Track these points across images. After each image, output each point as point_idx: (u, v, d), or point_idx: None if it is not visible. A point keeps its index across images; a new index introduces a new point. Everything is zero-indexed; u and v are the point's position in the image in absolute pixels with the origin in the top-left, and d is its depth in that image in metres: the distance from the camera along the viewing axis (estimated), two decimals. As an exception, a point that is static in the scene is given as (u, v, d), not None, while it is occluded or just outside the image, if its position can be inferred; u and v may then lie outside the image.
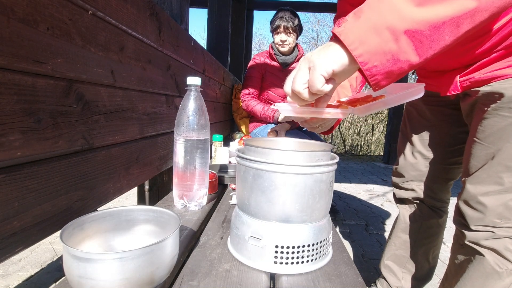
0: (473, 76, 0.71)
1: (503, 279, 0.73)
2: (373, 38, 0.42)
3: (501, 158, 0.70)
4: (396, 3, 0.41)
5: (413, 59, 0.42)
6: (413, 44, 0.41)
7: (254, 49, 9.70)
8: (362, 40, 0.42)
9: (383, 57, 0.42)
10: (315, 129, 0.72)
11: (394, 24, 0.41)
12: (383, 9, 0.42)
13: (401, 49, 0.42)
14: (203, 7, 3.42)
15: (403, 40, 0.41)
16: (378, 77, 0.44)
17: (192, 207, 0.77)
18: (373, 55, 0.42)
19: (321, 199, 0.52)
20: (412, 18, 0.40)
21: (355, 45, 0.43)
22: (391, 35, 0.41)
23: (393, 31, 0.41)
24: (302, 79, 0.48)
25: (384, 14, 0.41)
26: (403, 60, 0.42)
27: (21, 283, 1.25)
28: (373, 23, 0.42)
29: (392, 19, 0.41)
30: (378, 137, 6.55)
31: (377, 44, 0.42)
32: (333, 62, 0.45)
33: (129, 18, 0.73)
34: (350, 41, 0.43)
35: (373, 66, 0.43)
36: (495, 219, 0.72)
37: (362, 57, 0.43)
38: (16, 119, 0.43)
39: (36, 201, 0.47)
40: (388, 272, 1.10)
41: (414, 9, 0.40)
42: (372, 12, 0.43)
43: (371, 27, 0.42)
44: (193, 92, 0.72)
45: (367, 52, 0.42)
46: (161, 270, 0.43)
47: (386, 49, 0.42)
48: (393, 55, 0.42)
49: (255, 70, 2.06)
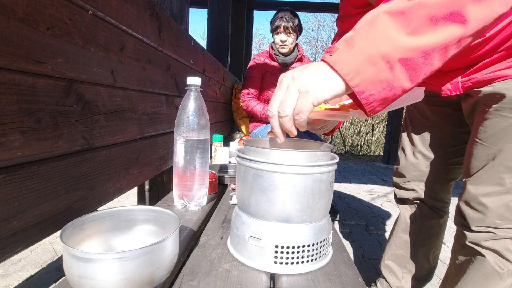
0: (475, 76, 0.71)
1: (504, 280, 0.73)
2: (369, 68, 0.42)
3: (503, 159, 0.70)
4: (388, 32, 0.42)
5: (406, 85, 0.43)
6: (407, 71, 0.42)
7: (254, 49, 9.71)
8: (358, 70, 0.42)
9: (379, 86, 0.43)
10: (317, 130, 0.72)
11: (389, 53, 0.41)
12: (376, 38, 0.42)
13: (396, 77, 0.42)
14: (203, 7, 3.41)
15: (397, 68, 0.42)
16: (374, 104, 0.44)
17: (192, 207, 0.77)
18: (370, 84, 0.43)
19: (321, 199, 0.52)
20: (405, 46, 0.41)
21: (352, 75, 0.43)
22: (386, 64, 0.42)
23: (388, 60, 0.42)
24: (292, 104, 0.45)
25: (378, 44, 0.42)
26: (398, 87, 0.43)
27: (21, 283, 1.25)
28: (368, 52, 0.42)
29: (386, 49, 0.42)
30: (378, 137, 6.54)
31: (373, 74, 0.42)
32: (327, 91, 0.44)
33: (129, 18, 0.73)
34: (346, 72, 0.43)
35: (370, 95, 0.43)
36: (496, 220, 0.72)
37: (359, 86, 0.43)
38: (16, 119, 0.43)
39: (36, 201, 0.47)
40: (388, 272, 1.10)
41: (406, 38, 0.41)
42: (366, 42, 0.43)
43: (366, 56, 0.42)
44: (193, 92, 0.72)
45: (363, 81, 0.43)
46: (161, 270, 0.43)
47: (382, 78, 0.43)
48: (388, 83, 0.43)
49: (255, 70, 2.06)
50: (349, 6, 0.86)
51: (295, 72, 0.46)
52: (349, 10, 0.88)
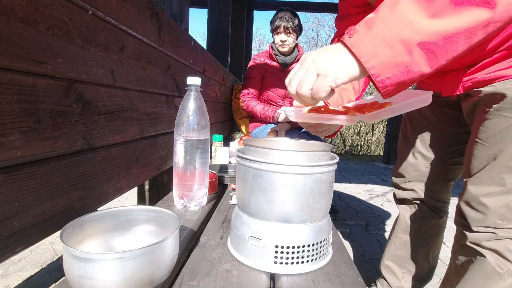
0: (475, 76, 0.71)
1: (504, 280, 0.73)
2: (385, 51, 0.42)
3: (503, 159, 0.70)
4: (409, 15, 0.41)
5: (425, 70, 0.42)
6: (426, 55, 0.41)
7: (254, 49, 9.71)
8: (374, 53, 0.42)
9: (396, 69, 0.42)
10: (320, 133, 0.72)
11: (407, 36, 0.41)
12: (396, 21, 0.41)
13: (414, 61, 0.42)
14: (203, 7, 3.41)
15: (416, 52, 0.41)
16: (389, 88, 0.44)
17: (192, 207, 0.77)
18: (386, 67, 0.42)
19: (321, 199, 0.52)
20: (426, 30, 0.40)
21: (367, 58, 0.43)
22: (404, 48, 0.41)
23: (406, 43, 0.41)
24: (309, 84, 0.47)
25: (397, 26, 0.41)
26: (415, 71, 0.43)
27: (21, 283, 1.25)
28: (386, 35, 0.42)
29: (405, 32, 0.41)
30: (378, 137, 6.54)
31: (390, 57, 0.42)
32: (344, 74, 0.45)
33: (129, 18, 0.73)
34: (362, 54, 0.43)
35: (386, 78, 0.43)
36: (497, 220, 0.72)
37: (375, 69, 0.43)
38: (16, 119, 0.43)
39: (36, 201, 0.47)
40: (388, 272, 1.10)
41: (427, 21, 0.40)
42: (384, 24, 0.42)
43: (384, 39, 0.42)
44: (193, 92, 0.72)
45: (379, 64, 0.42)
46: (161, 270, 0.43)
47: (398, 61, 0.42)
48: (406, 67, 0.42)
49: (255, 71, 2.06)
50: (349, 6, 0.86)
51: (316, 55, 0.47)
52: (348, 10, 0.88)
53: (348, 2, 0.87)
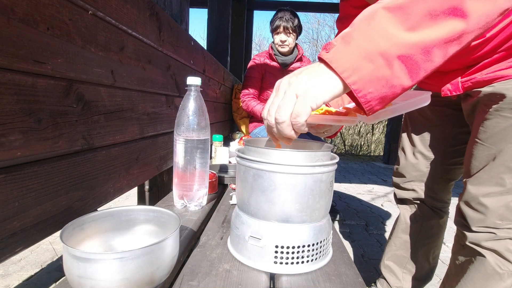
0: (475, 76, 0.71)
1: (504, 280, 0.73)
2: (366, 65, 0.41)
3: (503, 159, 0.70)
4: (386, 28, 0.41)
5: (406, 83, 0.42)
6: (406, 68, 0.41)
7: (254, 49, 9.71)
8: (355, 67, 0.41)
9: (377, 83, 0.42)
10: (321, 134, 0.72)
11: (387, 49, 0.40)
12: (374, 34, 0.41)
13: (395, 74, 0.41)
14: (203, 7, 3.41)
15: (396, 65, 0.41)
16: (372, 103, 0.43)
17: (192, 207, 0.77)
18: (367, 82, 0.41)
19: (321, 199, 0.52)
20: (404, 42, 0.40)
21: (348, 73, 0.41)
22: (384, 61, 0.40)
23: (386, 56, 0.40)
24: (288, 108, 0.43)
25: (376, 40, 0.41)
26: (397, 85, 0.42)
27: (21, 283, 1.25)
28: (365, 48, 0.41)
29: (384, 45, 0.40)
30: (378, 137, 6.54)
31: (371, 71, 0.41)
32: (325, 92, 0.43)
33: (129, 18, 0.73)
34: (343, 69, 0.42)
35: (367, 93, 0.42)
36: (496, 220, 0.72)
37: (356, 84, 0.42)
38: (16, 119, 0.43)
39: (36, 201, 0.47)
40: (388, 273, 1.10)
41: (405, 34, 0.40)
42: (363, 38, 0.41)
43: (364, 53, 0.41)
44: (193, 92, 0.72)
45: (361, 79, 0.41)
46: (161, 270, 0.43)
47: (379, 75, 0.41)
48: (387, 80, 0.41)
49: (255, 71, 2.06)
50: (349, 6, 0.86)
51: (291, 77, 0.45)
52: (349, 10, 0.88)
53: (349, 3, 0.87)
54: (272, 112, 0.45)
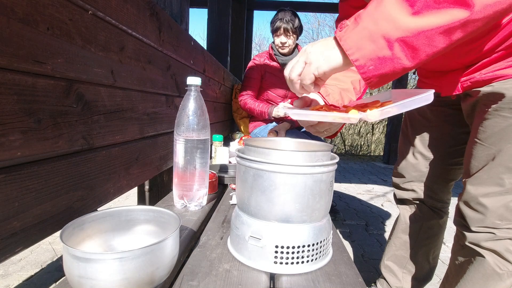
0: (474, 76, 0.71)
1: (503, 280, 0.73)
2: (369, 45, 0.46)
3: (502, 159, 0.70)
4: (391, 12, 0.44)
5: (406, 64, 0.46)
6: (406, 50, 0.45)
7: (254, 49, 9.70)
8: (359, 46, 0.47)
9: (378, 62, 0.47)
10: (321, 133, 0.72)
11: (389, 32, 0.45)
12: (379, 17, 0.45)
13: (395, 55, 0.46)
14: (203, 7, 3.41)
15: (396, 47, 0.45)
16: (373, 80, 0.48)
17: (192, 207, 0.77)
18: (369, 60, 0.47)
19: (321, 199, 0.52)
20: (406, 27, 0.44)
21: (352, 50, 0.47)
22: (386, 43, 0.45)
23: (388, 39, 0.45)
24: (297, 70, 0.53)
25: (380, 22, 0.45)
26: (397, 65, 0.46)
27: (21, 283, 1.25)
28: (370, 30, 0.46)
29: (387, 28, 0.45)
30: (378, 137, 6.54)
31: (372, 51, 0.46)
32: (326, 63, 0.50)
33: (129, 18, 0.73)
34: (348, 46, 0.47)
35: (367, 70, 0.47)
36: (496, 221, 0.72)
37: (359, 61, 0.47)
38: (16, 119, 0.43)
39: (36, 201, 0.47)
40: (388, 273, 1.10)
41: (408, 19, 0.44)
42: (369, 20, 0.46)
43: (368, 34, 0.46)
44: (193, 92, 0.72)
45: (363, 57, 0.47)
46: (161, 270, 0.43)
47: (380, 55, 0.46)
48: (387, 60, 0.46)
49: (254, 71, 2.07)
50: (349, 7, 0.86)
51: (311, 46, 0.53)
52: (348, 11, 0.88)
53: (348, 3, 0.87)
54: (288, 67, 0.56)
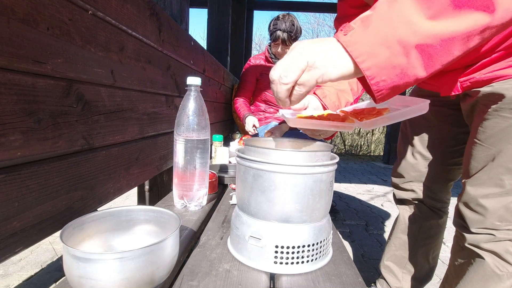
0: (474, 76, 0.71)
1: (503, 281, 0.73)
2: (383, 51, 0.40)
3: (502, 160, 0.69)
4: (407, 14, 0.39)
5: (420, 74, 0.41)
6: (423, 58, 0.40)
7: (254, 49, 9.71)
8: (371, 53, 0.40)
9: (392, 72, 0.40)
10: (317, 136, 0.71)
11: (406, 37, 0.39)
12: (394, 20, 0.39)
13: (411, 64, 0.40)
14: (203, 7, 3.41)
15: (413, 54, 0.39)
16: (384, 92, 0.42)
17: (192, 207, 0.77)
18: (382, 69, 0.40)
19: (321, 199, 0.52)
20: (424, 32, 0.38)
21: (363, 58, 0.40)
22: (402, 49, 0.39)
23: (404, 45, 0.39)
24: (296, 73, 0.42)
25: (396, 25, 0.39)
26: (411, 75, 0.41)
27: (21, 283, 1.25)
28: (384, 34, 0.39)
29: (403, 32, 0.39)
30: (378, 137, 6.54)
31: (387, 58, 0.40)
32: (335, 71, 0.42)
33: (129, 18, 0.73)
34: (358, 53, 0.40)
35: (380, 80, 0.41)
36: (496, 222, 0.72)
37: (370, 70, 0.41)
38: (16, 119, 0.43)
39: (36, 201, 0.47)
40: (388, 273, 1.10)
41: (426, 23, 0.38)
42: (383, 23, 0.40)
43: (382, 38, 0.39)
44: (193, 92, 0.72)
45: (375, 65, 0.40)
46: (161, 270, 0.43)
47: (395, 63, 0.40)
48: (402, 69, 0.40)
49: (250, 74, 2.09)
50: (347, 6, 0.86)
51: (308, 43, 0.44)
52: (347, 10, 0.88)
53: (347, 2, 0.87)
54: (279, 68, 0.44)
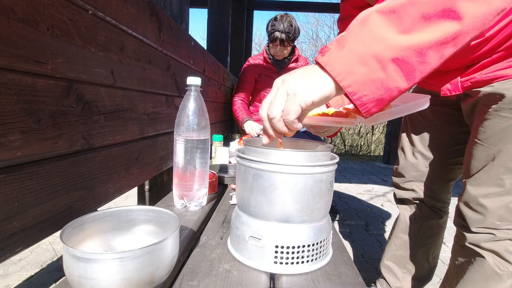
0: (474, 76, 0.71)
1: (504, 281, 0.73)
2: (360, 68, 0.41)
3: (502, 160, 0.70)
4: (379, 31, 0.41)
5: (402, 85, 0.42)
6: (401, 70, 0.41)
7: (254, 49, 9.71)
8: (349, 71, 0.42)
9: (372, 86, 0.42)
10: (320, 133, 0.72)
11: (380, 52, 0.40)
12: (368, 37, 0.41)
13: (390, 77, 0.41)
14: (203, 7, 3.41)
15: (390, 67, 0.41)
16: (368, 106, 0.43)
17: (192, 207, 0.77)
18: (362, 84, 0.42)
19: (321, 199, 0.52)
20: (398, 45, 0.40)
21: (343, 76, 0.42)
22: (378, 64, 0.41)
23: (380, 60, 0.40)
24: (279, 106, 0.44)
25: (369, 43, 0.41)
26: (392, 87, 0.42)
27: (21, 283, 1.25)
28: (359, 52, 0.41)
29: (377, 48, 0.40)
30: (378, 137, 6.54)
31: (365, 74, 0.41)
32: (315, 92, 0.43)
33: (129, 18, 0.73)
34: (337, 72, 0.42)
35: (362, 95, 0.42)
36: (496, 221, 0.72)
37: (351, 87, 0.42)
38: (16, 119, 0.43)
39: (36, 201, 0.47)
40: (388, 273, 1.10)
41: (399, 37, 0.40)
42: (357, 41, 0.42)
43: (357, 56, 0.41)
44: (193, 92, 0.72)
45: (355, 82, 0.42)
46: (161, 270, 0.43)
47: (374, 78, 0.41)
48: (382, 83, 0.41)
49: (248, 74, 2.10)
50: (349, 7, 0.87)
51: (286, 75, 0.46)
52: (349, 11, 0.88)
53: (349, 3, 0.87)
54: (264, 107, 0.47)
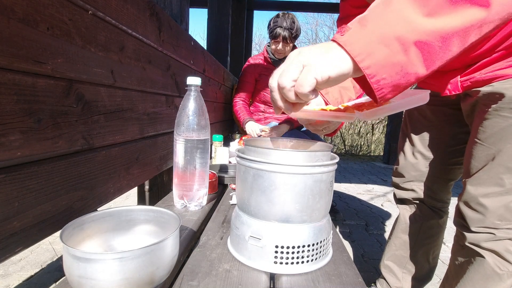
0: (474, 76, 0.71)
1: (503, 281, 0.73)
2: (381, 49, 0.40)
3: (502, 159, 0.70)
4: (405, 12, 0.39)
5: (420, 71, 0.41)
6: (422, 55, 0.40)
7: (254, 49, 9.71)
8: (369, 51, 0.40)
9: (392, 69, 0.40)
10: (319, 131, 0.71)
11: (404, 34, 0.39)
12: (391, 18, 0.40)
13: (410, 61, 0.40)
14: (203, 7, 3.41)
15: (412, 51, 0.39)
16: (385, 90, 0.41)
17: (192, 207, 0.77)
18: (382, 67, 0.40)
19: (321, 199, 0.52)
20: (422, 28, 0.39)
21: (362, 56, 0.40)
22: (401, 46, 0.39)
23: (403, 42, 0.39)
24: (292, 75, 0.42)
25: (393, 24, 0.39)
26: (411, 73, 0.41)
27: (21, 283, 1.25)
28: (382, 33, 0.39)
29: (401, 29, 0.39)
30: (378, 137, 6.54)
31: (386, 56, 0.40)
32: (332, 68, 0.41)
33: (129, 18, 0.73)
34: (357, 52, 0.40)
35: (381, 79, 0.40)
36: (496, 221, 0.72)
37: (370, 69, 0.40)
38: (16, 119, 0.43)
39: (36, 201, 0.47)
40: (388, 273, 1.10)
41: (424, 20, 0.39)
42: (380, 21, 0.40)
43: (379, 37, 0.39)
44: (193, 92, 0.72)
45: (375, 64, 0.40)
46: (161, 270, 0.43)
47: (395, 61, 0.40)
48: (402, 67, 0.40)
49: (248, 74, 2.10)
50: (349, 6, 0.87)
51: (304, 48, 0.44)
52: (349, 10, 0.88)
53: (348, 2, 0.87)
54: (276, 75, 0.45)
